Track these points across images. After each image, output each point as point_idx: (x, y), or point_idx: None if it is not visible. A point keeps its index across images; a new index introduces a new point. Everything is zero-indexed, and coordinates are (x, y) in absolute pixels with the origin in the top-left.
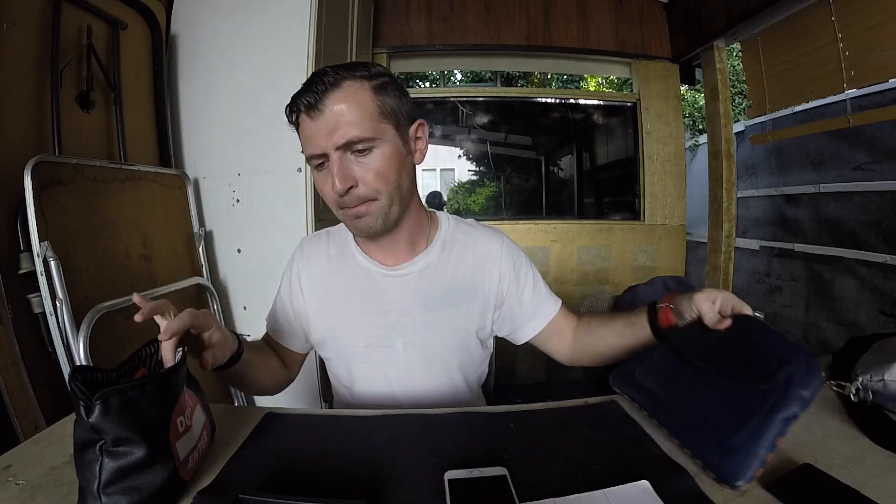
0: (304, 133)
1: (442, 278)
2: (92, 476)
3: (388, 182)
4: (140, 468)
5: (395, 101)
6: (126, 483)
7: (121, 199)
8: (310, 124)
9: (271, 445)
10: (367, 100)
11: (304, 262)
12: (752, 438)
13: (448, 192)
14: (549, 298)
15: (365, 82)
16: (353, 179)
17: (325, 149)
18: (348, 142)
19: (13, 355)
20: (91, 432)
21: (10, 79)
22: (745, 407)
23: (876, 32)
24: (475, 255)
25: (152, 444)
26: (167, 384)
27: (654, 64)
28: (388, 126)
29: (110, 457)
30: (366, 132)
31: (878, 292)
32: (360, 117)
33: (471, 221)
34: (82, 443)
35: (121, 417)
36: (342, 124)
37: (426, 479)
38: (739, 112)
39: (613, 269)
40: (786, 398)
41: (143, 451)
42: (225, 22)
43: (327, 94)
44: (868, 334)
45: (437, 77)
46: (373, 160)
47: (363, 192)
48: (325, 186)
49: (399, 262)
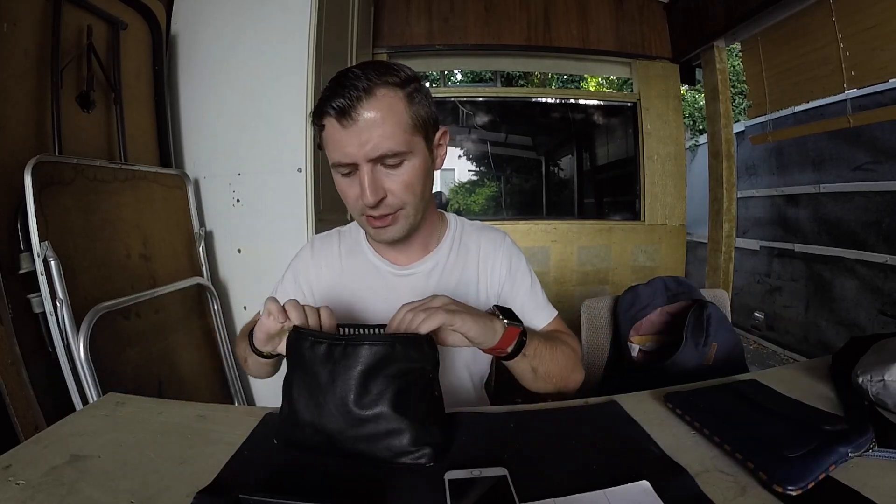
0: (331, 138)
1: (450, 278)
2: None
3: (416, 194)
4: None
5: (426, 109)
6: None
7: (121, 199)
8: (340, 131)
9: (271, 445)
10: (401, 111)
11: (314, 261)
12: (812, 455)
13: (448, 192)
14: (544, 308)
15: (398, 91)
16: (383, 191)
17: (357, 159)
18: (382, 155)
19: (13, 355)
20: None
21: (10, 79)
22: (807, 434)
23: (876, 32)
24: (480, 255)
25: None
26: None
27: (654, 64)
28: (419, 139)
29: None
30: (400, 146)
31: (878, 292)
32: (394, 130)
33: (477, 223)
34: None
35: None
36: (375, 136)
37: (426, 479)
38: (739, 112)
39: (613, 269)
40: (845, 436)
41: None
42: (225, 22)
43: (361, 101)
44: (868, 334)
45: (437, 77)
46: (403, 173)
47: (392, 202)
48: (350, 192)
49: (410, 262)
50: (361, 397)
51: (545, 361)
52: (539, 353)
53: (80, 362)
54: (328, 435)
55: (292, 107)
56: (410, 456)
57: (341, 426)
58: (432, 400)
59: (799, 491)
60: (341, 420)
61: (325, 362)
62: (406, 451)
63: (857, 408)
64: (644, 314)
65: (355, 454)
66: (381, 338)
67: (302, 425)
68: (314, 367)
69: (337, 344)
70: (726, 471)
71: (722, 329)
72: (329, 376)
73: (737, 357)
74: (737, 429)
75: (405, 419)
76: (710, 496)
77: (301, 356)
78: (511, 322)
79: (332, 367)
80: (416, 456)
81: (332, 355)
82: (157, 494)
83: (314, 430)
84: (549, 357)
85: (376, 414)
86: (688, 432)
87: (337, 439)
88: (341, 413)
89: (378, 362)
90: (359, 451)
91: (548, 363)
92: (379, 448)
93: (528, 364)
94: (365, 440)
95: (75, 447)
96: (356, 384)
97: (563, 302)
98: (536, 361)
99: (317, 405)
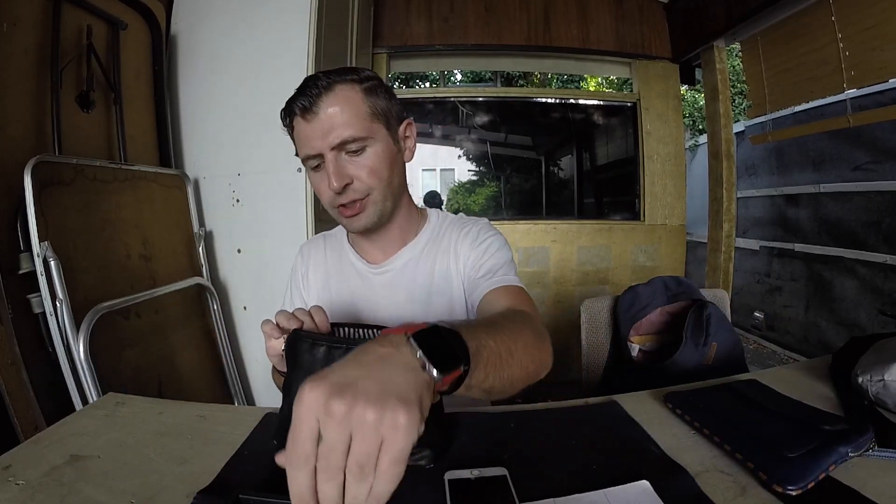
0: (299, 135)
1: (424, 270)
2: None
3: (382, 179)
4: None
5: (385, 102)
6: None
7: (121, 199)
8: (305, 126)
9: (271, 445)
10: (358, 102)
11: (304, 267)
12: (812, 455)
13: (448, 192)
14: (501, 274)
15: (356, 85)
16: (348, 177)
17: (321, 149)
18: (343, 141)
19: (13, 355)
20: None
21: (10, 79)
22: (807, 434)
23: (876, 32)
24: (453, 242)
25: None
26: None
27: (654, 64)
28: (379, 126)
29: None
30: (359, 132)
31: (878, 292)
32: (352, 118)
33: (460, 215)
34: None
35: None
36: (336, 125)
37: (426, 479)
38: (739, 112)
39: (613, 269)
40: (845, 436)
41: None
42: (225, 22)
43: (321, 97)
44: (868, 334)
45: (437, 77)
46: (366, 158)
47: (358, 188)
48: (322, 186)
49: (386, 258)
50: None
51: (501, 375)
52: (492, 370)
53: (80, 362)
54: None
55: None
56: (410, 458)
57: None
58: (434, 400)
59: (799, 491)
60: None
61: (325, 364)
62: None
63: (857, 408)
64: (644, 314)
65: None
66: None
67: None
68: (314, 369)
69: (337, 347)
70: (726, 471)
71: (722, 329)
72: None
73: (737, 357)
74: (737, 429)
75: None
76: (710, 496)
77: (300, 358)
78: (443, 363)
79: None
80: (416, 458)
81: (332, 358)
82: (157, 494)
83: None
84: (510, 364)
85: None
86: (688, 432)
87: None
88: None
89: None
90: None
91: (507, 373)
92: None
93: (477, 391)
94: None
95: (75, 447)
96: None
97: (562, 302)
98: (490, 382)
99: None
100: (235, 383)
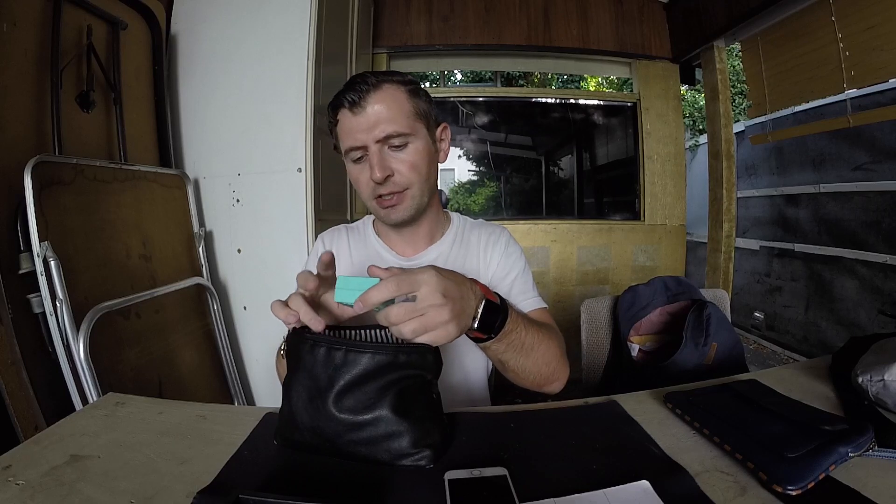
0: (344, 127)
1: (453, 268)
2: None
3: (421, 174)
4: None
5: (426, 105)
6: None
7: (121, 199)
8: (351, 119)
9: (271, 445)
10: (403, 100)
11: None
12: (812, 455)
13: (448, 192)
14: (532, 296)
15: (401, 86)
16: (390, 169)
17: (366, 142)
18: (388, 136)
19: (13, 355)
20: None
21: (10, 79)
22: (807, 434)
23: (876, 32)
24: (480, 248)
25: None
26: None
27: (654, 64)
28: (421, 125)
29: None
30: (403, 128)
31: (878, 292)
32: (398, 115)
33: (479, 220)
34: None
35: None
36: (382, 120)
37: (426, 479)
38: (739, 112)
39: (613, 269)
40: (845, 436)
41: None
42: (225, 22)
43: (369, 93)
44: (868, 334)
45: (437, 77)
46: (408, 154)
47: (398, 181)
48: (362, 177)
49: (416, 252)
50: (360, 402)
51: (527, 349)
52: (518, 339)
53: (80, 362)
54: (327, 438)
55: (292, 107)
56: (410, 458)
57: (339, 429)
58: (431, 402)
59: (799, 491)
60: (339, 424)
61: (325, 366)
62: (406, 454)
63: (857, 408)
64: (644, 314)
65: (355, 457)
66: (384, 347)
67: (301, 428)
68: (314, 369)
69: (337, 348)
70: (726, 471)
71: (722, 329)
72: (328, 380)
73: (736, 357)
74: (737, 429)
75: (405, 422)
76: (710, 496)
77: (300, 358)
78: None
79: (332, 372)
80: (416, 458)
81: (331, 359)
82: (157, 494)
83: (313, 433)
84: (531, 340)
85: (375, 417)
86: (688, 432)
87: (336, 442)
88: (340, 417)
89: (379, 369)
90: (358, 453)
91: (530, 352)
92: (379, 451)
93: (507, 347)
94: (364, 443)
95: (75, 447)
96: (355, 389)
97: (562, 302)
98: (518, 342)
99: (315, 408)
100: (235, 383)
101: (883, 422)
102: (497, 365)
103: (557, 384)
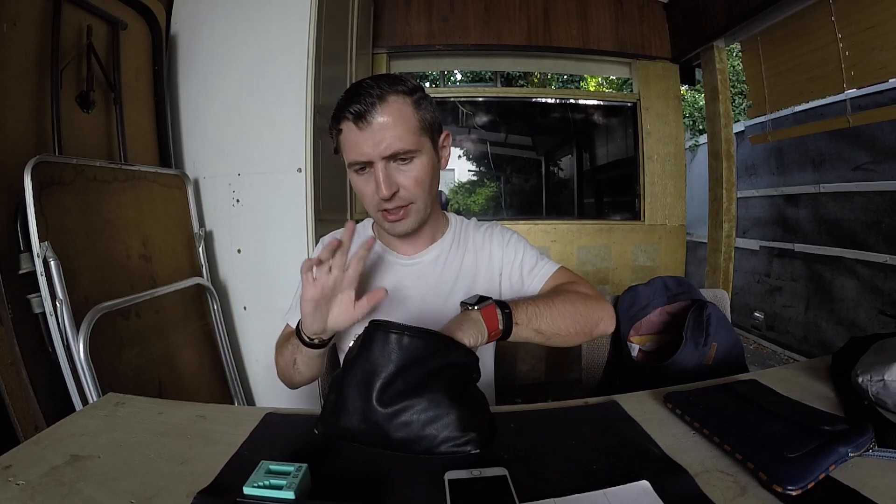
0: (348, 140)
1: (452, 267)
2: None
3: (425, 189)
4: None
5: (430, 114)
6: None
7: (121, 199)
8: (356, 133)
9: (271, 445)
10: (409, 115)
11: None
12: (812, 455)
13: (448, 192)
14: (544, 265)
15: (407, 98)
16: (396, 186)
17: (372, 157)
18: (394, 153)
19: (13, 355)
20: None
21: (10, 79)
22: (807, 434)
23: (876, 32)
24: (476, 247)
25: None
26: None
27: (654, 64)
28: (426, 139)
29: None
30: (410, 145)
31: (878, 292)
32: (405, 132)
33: (473, 220)
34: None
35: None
36: (388, 136)
37: (426, 479)
38: (739, 112)
39: (613, 269)
40: (845, 436)
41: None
42: (225, 22)
43: (375, 106)
44: (868, 334)
45: (437, 77)
46: (413, 169)
47: (404, 196)
48: (367, 189)
49: (417, 252)
50: (411, 385)
51: (546, 318)
52: (534, 314)
53: (80, 362)
54: (375, 421)
55: (292, 107)
56: (453, 442)
57: (388, 414)
58: (478, 395)
59: (799, 491)
60: (390, 404)
61: (382, 351)
62: (450, 438)
63: (857, 408)
64: (644, 314)
65: (399, 444)
66: (436, 335)
67: (351, 411)
68: (371, 354)
69: (398, 333)
70: (726, 471)
71: (722, 329)
72: (383, 365)
73: (737, 357)
74: (737, 429)
75: (454, 404)
76: (710, 496)
77: (366, 345)
78: (481, 304)
79: (388, 356)
80: (460, 442)
81: (388, 343)
82: (157, 494)
83: (362, 416)
84: (549, 312)
85: (427, 399)
86: (688, 432)
87: (382, 425)
88: (392, 398)
89: (433, 354)
90: (403, 439)
91: (550, 319)
92: (425, 434)
93: (528, 330)
94: (410, 427)
95: (75, 447)
96: (413, 371)
97: None
98: (537, 322)
99: (367, 392)
100: (235, 383)
101: (883, 422)
102: (541, 339)
103: (602, 325)
